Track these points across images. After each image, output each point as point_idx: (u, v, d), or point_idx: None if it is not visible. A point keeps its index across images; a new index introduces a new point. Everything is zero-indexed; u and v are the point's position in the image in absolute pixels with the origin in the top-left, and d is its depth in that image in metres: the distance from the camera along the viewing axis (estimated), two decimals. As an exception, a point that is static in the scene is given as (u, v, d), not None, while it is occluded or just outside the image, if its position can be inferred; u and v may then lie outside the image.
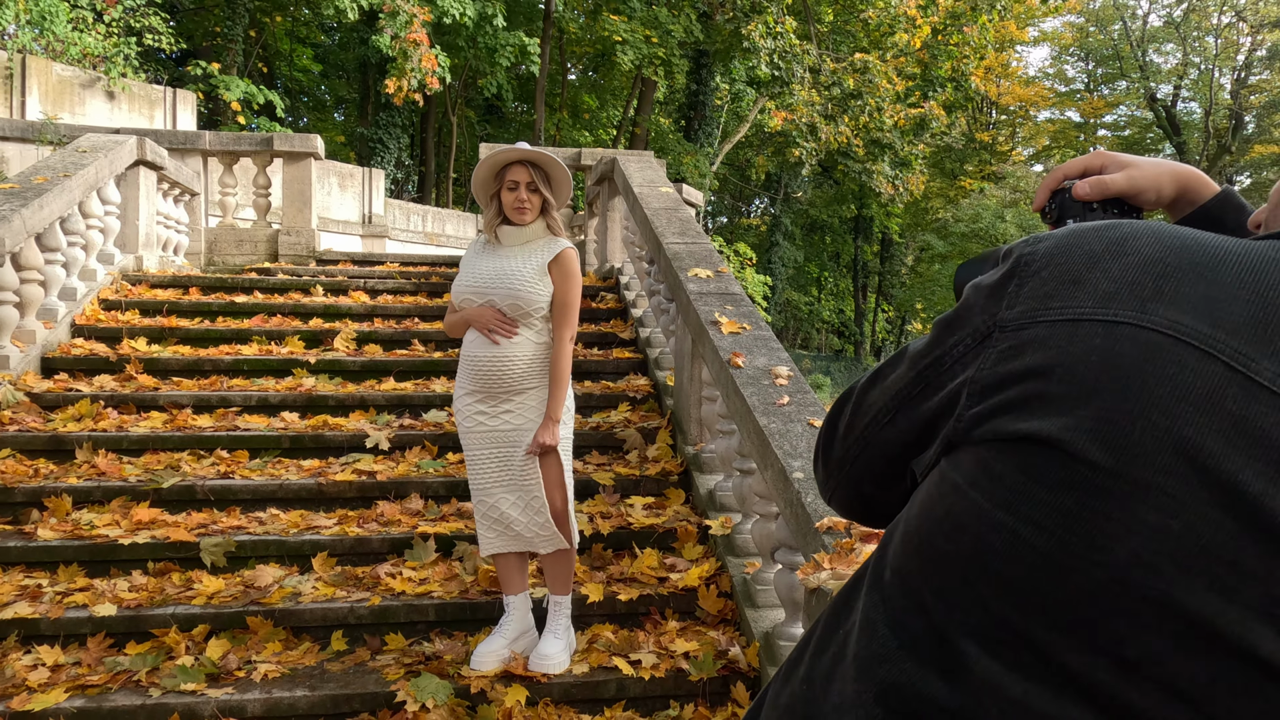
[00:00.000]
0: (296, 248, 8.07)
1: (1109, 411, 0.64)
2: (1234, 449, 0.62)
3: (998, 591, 0.68)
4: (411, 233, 15.22)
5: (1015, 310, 0.71)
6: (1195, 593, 0.62)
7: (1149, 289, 0.67)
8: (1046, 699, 0.66)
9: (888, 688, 0.72)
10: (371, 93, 19.61)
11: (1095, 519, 0.64)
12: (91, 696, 3.10)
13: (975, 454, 0.71)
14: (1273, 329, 0.64)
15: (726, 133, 26.27)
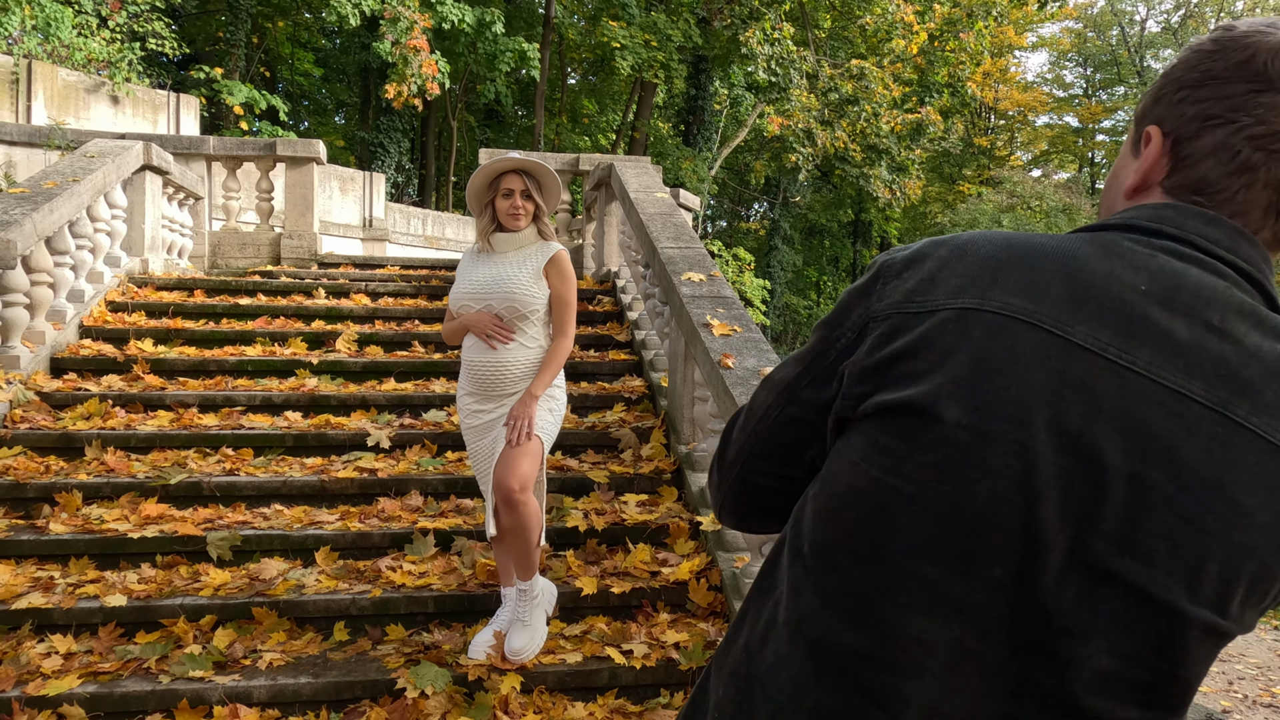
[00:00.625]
0: (299, 251, 8.20)
1: (962, 378, 0.80)
2: (1059, 397, 0.78)
3: (896, 545, 0.82)
4: (412, 236, 15.35)
5: (883, 304, 0.88)
6: (1042, 518, 0.78)
7: (986, 281, 0.84)
8: (936, 628, 0.80)
9: (813, 641, 0.86)
10: (372, 97, 19.75)
11: (960, 468, 0.80)
12: (104, 683, 3.22)
13: (863, 431, 0.86)
14: (1081, 302, 0.81)
15: (725, 137, 26.44)
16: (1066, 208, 23.21)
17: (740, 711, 0.91)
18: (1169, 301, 0.82)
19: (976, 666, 0.80)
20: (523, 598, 3.45)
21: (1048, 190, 23.74)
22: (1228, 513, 0.77)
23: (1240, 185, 0.88)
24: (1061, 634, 0.78)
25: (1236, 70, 0.88)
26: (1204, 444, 0.78)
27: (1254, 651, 8.71)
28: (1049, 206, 23.03)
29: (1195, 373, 0.79)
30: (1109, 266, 0.83)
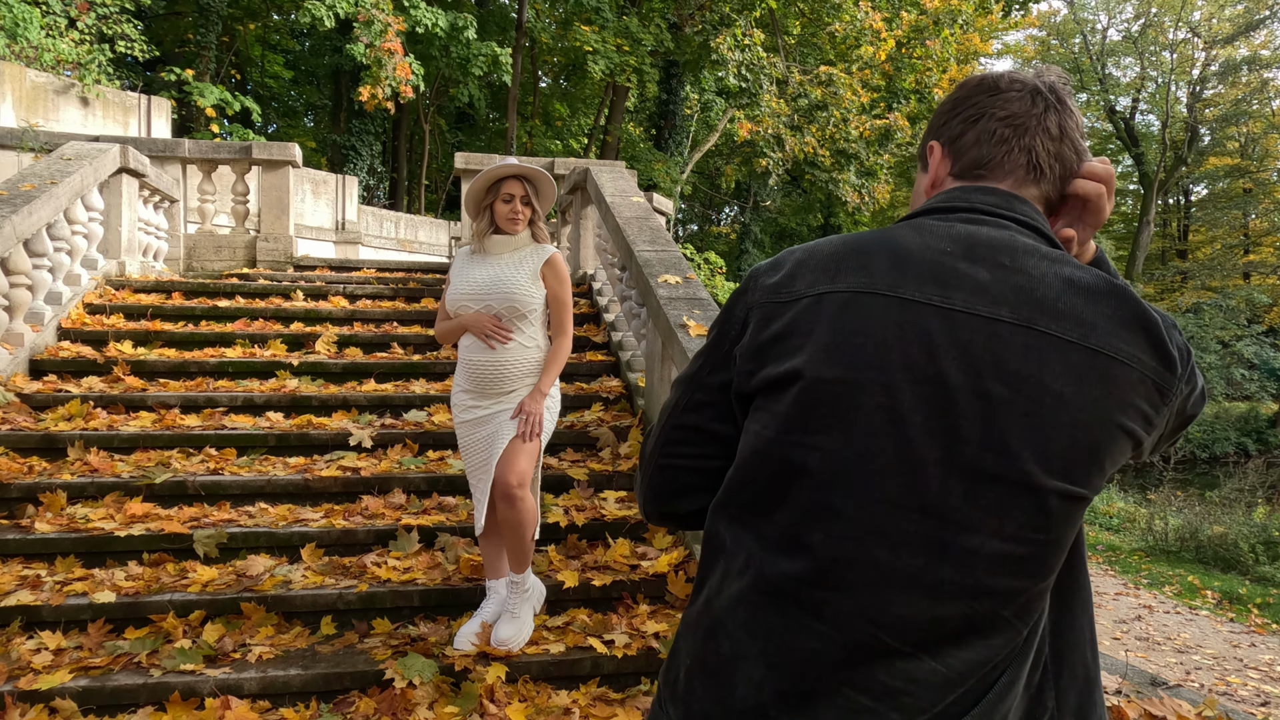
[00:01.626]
0: (275, 254, 8.23)
1: (827, 344, 1.03)
2: (904, 341, 1.01)
3: (807, 486, 1.02)
4: (385, 239, 15.34)
5: (757, 297, 1.12)
6: (914, 439, 0.99)
7: (832, 271, 1.09)
8: (855, 548, 1.00)
9: (758, 577, 1.05)
10: (344, 100, 19.70)
11: (841, 414, 1.01)
12: (95, 677, 3.27)
13: (760, 407, 1.08)
14: (904, 269, 1.06)
15: (696, 142, 26.64)
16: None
17: (709, 651, 1.08)
18: (969, 254, 1.07)
19: (896, 575, 0.98)
20: (514, 590, 3.55)
21: (1012, 195, 24.16)
22: (1051, 401, 1.00)
23: (1003, 153, 1.17)
24: (957, 531, 0.98)
25: (975, 89, 1.22)
26: (1020, 352, 1.01)
27: (1210, 643, 8.99)
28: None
29: (1001, 301, 1.03)
30: (920, 240, 1.10)
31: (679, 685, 1.11)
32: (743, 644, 1.04)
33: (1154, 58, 39.34)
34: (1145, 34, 38.98)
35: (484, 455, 3.46)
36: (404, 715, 3.29)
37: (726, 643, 1.06)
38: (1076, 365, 1.01)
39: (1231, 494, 14.72)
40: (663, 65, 21.35)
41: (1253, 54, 35.92)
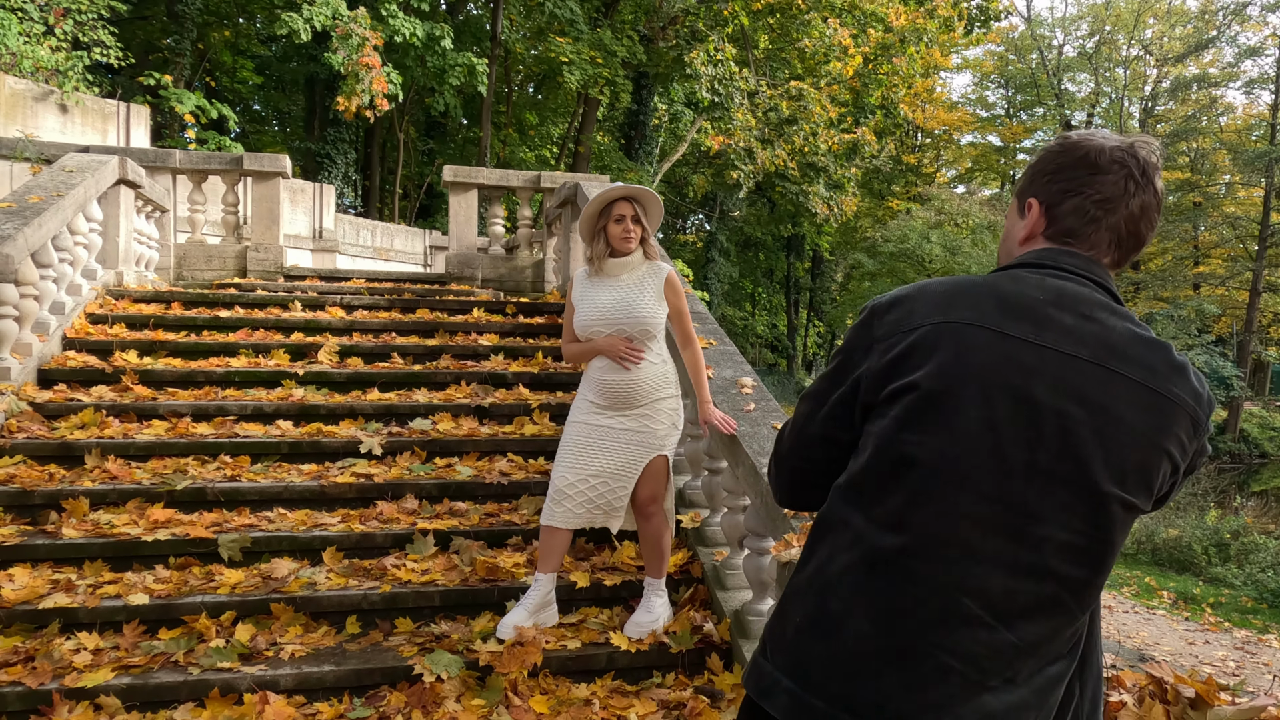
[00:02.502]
0: (265, 264, 8.33)
1: (943, 363, 1.30)
2: (1004, 367, 1.28)
3: (915, 476, 1.29)
4: (361, 247, 15.41)
5: (882, 330, 1.39)
6: (1005, 444, 1.26)
7: (945, 306, 1.37)
8: (950, 529, 1.26)
9: (868, 549, 1.32)
10: (317, 108, 19.70)
11: (948, 420, 1.28)
12: (136, 675, 3.42)
13: (881, 414, 1.35)
14: (1006, 310, 1.34)
15: (665, 152, 26.98)
16: (990, 224, 24.30)
17: (820, 610, 1.34)
18: (1057, 303, 1.35)
19: (981, 553, 1.25)
20: (651, 589, 3.87)
21: (973, 208, 24.82)
22: (1117, 425, 1.28)
23: (1091, 230, 1.44)
24: (1033, 521, 1.25)
25: (1080, 163, 1.44)
26: (1095, 384, 1.29)
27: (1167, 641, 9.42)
28: (974, 223, 24.08)
29: (1081, 343, 1.32)
30: (1017, 288, 1.38)
31: (787, 638, 1.37)
32: (851, 604, 1.30)
33: (1108, 74, 40.49)
34: (1100, 51, 40.11)
35: (600, 464, 3.72)
36: (433, 708, 3.47)
37: (836, 603, 1.32)
38: (1139, 399, 1.30)
39: (1185, 498, 15.30)
40: (633, 76, 21.64)
41: (1202, 72, 37.14)
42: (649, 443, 3.77)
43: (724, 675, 3.73)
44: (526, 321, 7.09)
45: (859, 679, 1.27)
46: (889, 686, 1.25)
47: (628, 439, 3.75)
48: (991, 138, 45.84)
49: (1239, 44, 36.19)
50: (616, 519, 3.81)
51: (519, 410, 5.68)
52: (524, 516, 4.67)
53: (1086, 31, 41.59)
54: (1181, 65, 37.84)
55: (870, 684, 1.26)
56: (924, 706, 1.23)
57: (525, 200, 9.12)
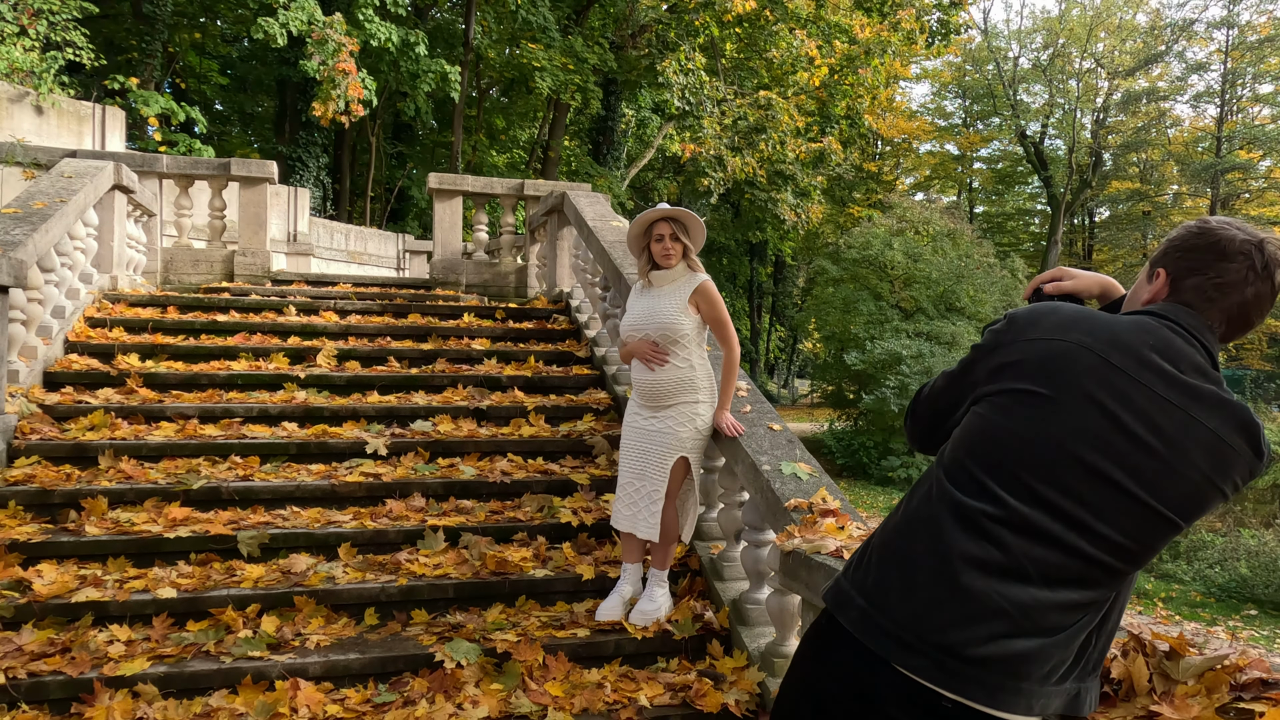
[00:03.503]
0: (252, 268, 8.44)
1: (1050, 374, 1.57)
2: (1102, 389, 1.55)
3: (1004, 455, 1.58)
4: (335, 251, 15.46)
5: (1009, 336, 1.66)
6: (1084, 448, 1.54)
7: (1067, 328, 1.61)
8: (1023, 504, 1.55)
9: (953, 504, 1.61)
10: (289, 111, 19.65)
11: (1045, 418, 1.56)
12: (171, 664, 3.59)
13: (989, 401, 1.64)
14: (1116, 344, 1.60)
15: (632, 157, 27.28)
16: (951, 232, 24.88)
17: (902, 545, 1.65)
18: (1163, 352, 1.59)
19: (1047, 533, 1.54)
20: (655, 579, 4.15)
21: (934, 216, 25.39)
22: (1185, 461, 1.55)
23: (1208, 305, 1.66)
24: (1096, 518, 1.54)
25: (1210, 248, 1.67)
26: (1176, 424, 1.55)
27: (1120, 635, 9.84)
28: (935, 231, 24.65)
29: (1172, 389, 1.57)
30: (1133, 330, 1.63)
31: (867, 565, 1.68)
32: (930, 545, 1.59)
33: (1061, 86, 41.57)
34: (1054, 64, 41.17)
35: (638, 462, 4.09)
36: (454, 692, 3.68)
37: (918, 543, 1.61)
38: (1207, 444, 1.55)
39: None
40: (602, 83, 21.90)
41: (1151, 86, 38.33)
42: (670, 444, 4.09)
43: (724, 660, 3.98)
44: (516, 327, 7.31)
45: (924, 608, 1.56)
46: (949, 620, 1.53)
47: (655, 439, 4.11)
48: (950, 146, 46.82)
49: (1186, 59, 37.46)
50: (647, 528, 4.10)
51: (515, 412, 5.90)
52: (528, 514, 4.89)
53: (1041, 44, 42.68)
54: (1132, 79, 39.03)
55: (934, 615, 1.54)
56: (975, 639, 1.50)
57: (509, 207, 9.32)
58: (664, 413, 4.11)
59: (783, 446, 4.09)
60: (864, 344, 22.48)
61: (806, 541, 3.38)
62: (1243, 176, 34.71)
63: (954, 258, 23.90)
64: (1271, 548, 12.29)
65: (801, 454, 4.07)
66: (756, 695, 3.72)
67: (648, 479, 4.10)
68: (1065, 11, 41.22)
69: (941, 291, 23.42)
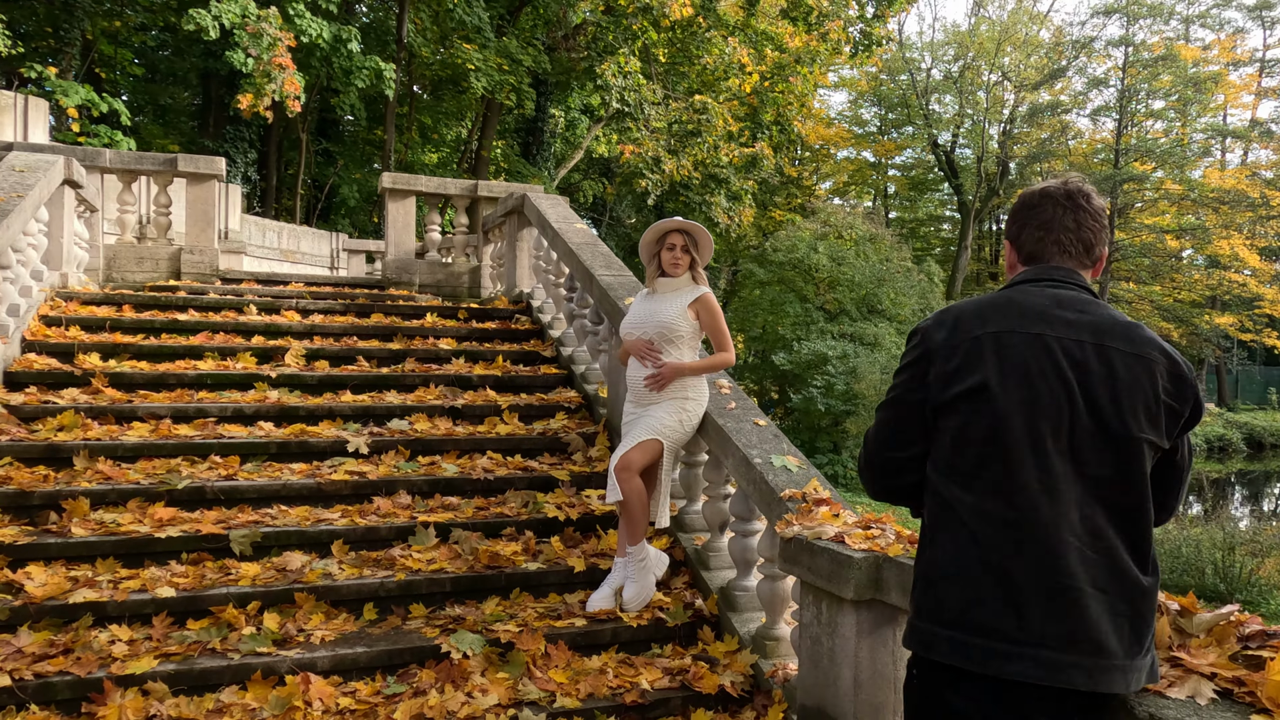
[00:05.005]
0: (200, 266, 8.28)
1: (993, 365, 1.80)
2: (1036, 359, 1.80)
3: (975, 449, 1.81)
4: (267, 249, 15.13)
5: (934, 347, 1.90)
6: (1044, 415, 1.78)
7: (982, 320, 1.88)
8: (1028, 482, 1.76)
9: (975, 514, 1.80)
10: (214, 104, 19.08)
11: (1000, 408, 1.79)
12: (179, 661, 3.60)
13: (948, 412, 1.86)
14: (1025, 316, 1.86)
15: (561, 158, 27.35)
16: (872, 237, 25.70)
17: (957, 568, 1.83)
18: (1059, 305, 1.87)
19: (1062, 496, 1.75)
20: (631, 560, 4.25)
21: (856, 221, 26.18)
22: (1119, 383, 1.79)
23: (1044, 247, 1.99)
24: (1081, 463, 1.76)
25: (1024, 206, 2.04)
26: (1098, 358, 1.80)
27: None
28: (857, 235, 25.41)
29: (1083, 331, 1.82)
30: (1028, 299, 1.89)
31: (939, 600, 1.84)
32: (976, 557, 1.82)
33: (971, 98, 43.16)
34: (964, 76, 42.73)
35: (628, 441, 4.23)
36: (462, 682, 3.78)
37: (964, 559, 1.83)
38: (1130, 363, 1.81)
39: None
40: (533, 84, 21.93)
41: (1054, 99, 40.17)
42: (653, 426, 4.28)
43: (716, 644, 4.18)
44: (480, 326, 7.37)
45: (998, 611, 1.76)
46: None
47: (644, 421, 4.30)
48: (866, 154, 48.12)
49: (1087, 74, 39.39)
50: (613, 493, 4.30)
51: (489, 411, 5.98)
52: (513, 509, 5.00)
53: (952, 56, 44.24)
54: (1036, 92, 40.82)
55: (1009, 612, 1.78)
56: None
57: (461, 208, 9.35)
58: (653, 405, 4.32)
59: (770, 440, 4.31)
60: (791, 345, 23.04)
61: (806, 529, 3.60)
62: (1138, 187, 36.71)
63: (875, 262, 24.69)
64: (1174, 534, 13.14)
65: (788, 448, 4.29)
66: (750, 676, 3.92)
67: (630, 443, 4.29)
68: (974, 26, 42.86)
69: (864, 294, 24.17)
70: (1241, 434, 33.06)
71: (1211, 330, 36.85)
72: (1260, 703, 1.77)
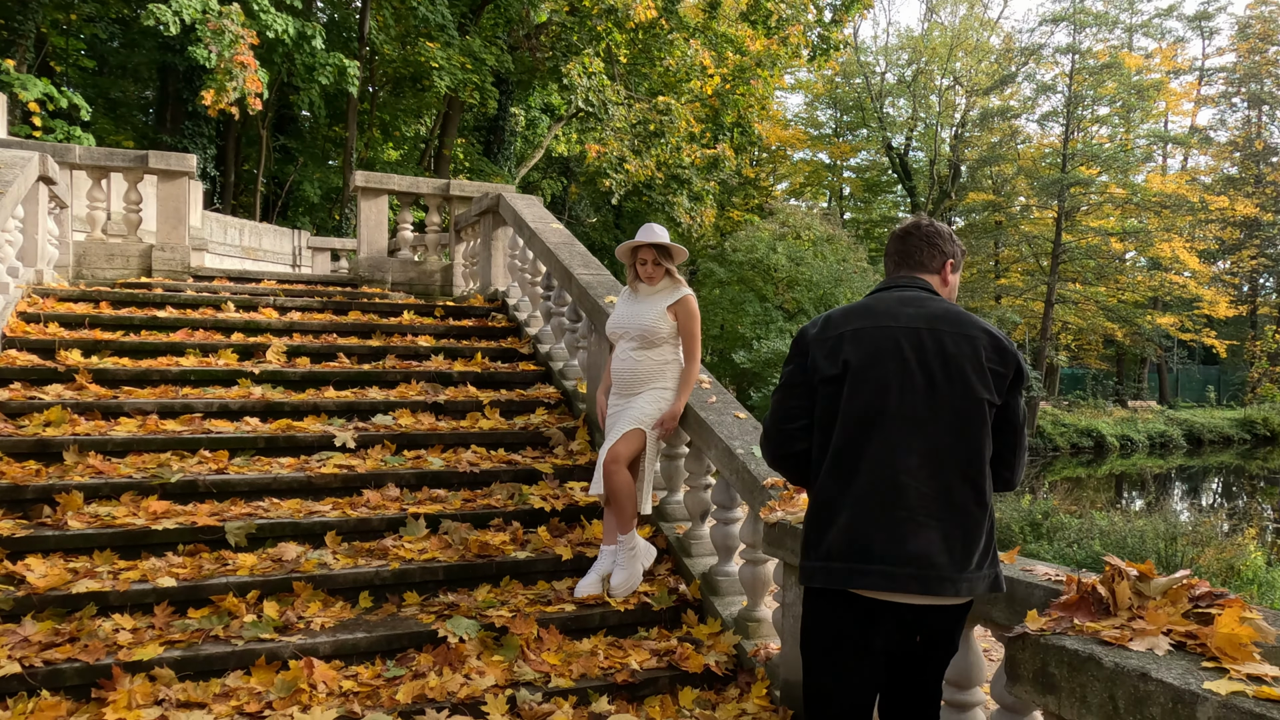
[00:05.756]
0: (171, 263, 8.28)
1: (854, 352, 2.32)
2: (888, 344, 2.35)
3: (849, 419, 2.32)
4: (229, 246, 15.01)
5: (814, 339, 2.43)
6: (898, 385, 2.30)
7: (847, 320, 2.48)
8: (889, 438, 2.25)
9: (849, 472, 2.33)
10: (172, 99, 18.81)
11: (862, 383, 2.30)
12: (184, 648, 3.70)
13: (821, 391, 2.38)
14: (880, 314, 2.45)
15: (521, 157, 27.41)
16: (830, 238, 26.18)
17: (831, 516, 2.32)
18: (902, 303, 2.45)
19: (910, 448, 2.22)
20: (621, 548, 4.44)
21: (814, 221, 26.64)
22: (954, 357, 2.34)
23: (900, 263, 2.62)
24: (931, 427, 2.25)
25: (896, 239, 2.69)
26: (933, 340, 2.36)
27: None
28: (815, 236, 25.86)
29: (918, 320, 2.39)
30: (881, 300, 2.49)
31: (815, 533, 2.41)
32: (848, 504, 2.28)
33: (924, 102, 44.06)
34: (917, 80, 43.59)
35: (612, 434, 4.43)
36: (459, 665, 3.94)
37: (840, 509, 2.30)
38: (958, 340, 2.36)
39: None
40: (495, 83, 21.97)
41: (1004, 105, 41.12)
42: (636, 416, 4.47)
43: (699, 627, 4.38)
44: (457, 324, 7.49)
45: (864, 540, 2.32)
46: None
47: (627, 413, 4.51)
48: (822, 155, 48.82)
49: (1036, 80, 40.38)
50: (595, 485, 4.51)
51: (471, 407, 6.12)
52: (500, 501, 5.15)
53: (906, 61, 45.10)
54: (987, 97, 41.76)
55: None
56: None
57: (434, 207, 9.44)
58: (636, 395, 4.52)
59: (750, 432, 4.52)
60: (750, 344, 23.39)
61: (789, 514, 3.81)
62: (1084, 191, 37.72)
63: (833, 262, 25.14)
64: (1119, 526, 13.69)
65: (768, 439, 4.50)
66: (733, 656, 4.13)
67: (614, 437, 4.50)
68: (927, 32, 43.75)
69: (822, 294, 24.60)
70: (1181, 430, 34.26)
71: (1153, 330, 38.04)
72: (1210, 652, 2.00)
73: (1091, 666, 2.05)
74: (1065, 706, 2.12)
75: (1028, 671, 2.23)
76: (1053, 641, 2.16)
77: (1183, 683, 1.88)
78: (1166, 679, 1.91)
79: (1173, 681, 1.89)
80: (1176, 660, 2.00)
